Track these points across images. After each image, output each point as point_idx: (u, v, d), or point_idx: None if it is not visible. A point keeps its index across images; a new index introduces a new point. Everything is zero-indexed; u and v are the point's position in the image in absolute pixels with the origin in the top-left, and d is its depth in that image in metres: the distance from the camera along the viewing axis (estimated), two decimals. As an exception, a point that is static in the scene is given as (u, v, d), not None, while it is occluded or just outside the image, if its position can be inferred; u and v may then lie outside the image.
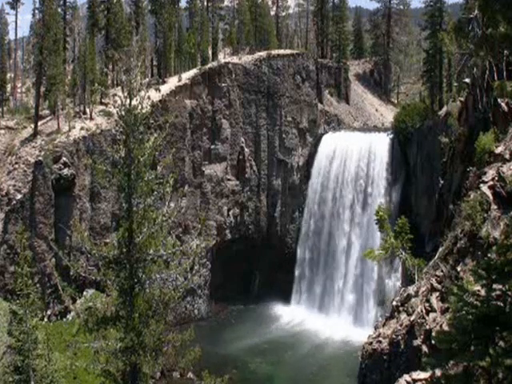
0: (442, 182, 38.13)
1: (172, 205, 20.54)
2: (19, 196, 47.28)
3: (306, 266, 60.87)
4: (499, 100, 29.27)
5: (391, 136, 57.20)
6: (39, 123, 52.17)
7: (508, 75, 29.25)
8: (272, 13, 77.87)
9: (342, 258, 57.77)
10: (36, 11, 57.93)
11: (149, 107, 20.89)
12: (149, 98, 19.11)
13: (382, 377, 27.64)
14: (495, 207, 24.42)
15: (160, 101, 53.33)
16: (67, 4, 62.26)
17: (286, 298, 59.67)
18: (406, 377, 20.26)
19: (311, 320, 55.95)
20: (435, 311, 24.72)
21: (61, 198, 48.83)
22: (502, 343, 12.97)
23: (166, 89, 55.37)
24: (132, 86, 18.38)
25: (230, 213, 59.97)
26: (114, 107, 19.27)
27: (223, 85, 58.53)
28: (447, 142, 39.20)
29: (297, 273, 61.09)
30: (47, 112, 55.80)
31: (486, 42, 15.46)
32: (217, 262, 58.33)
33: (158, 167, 20.47)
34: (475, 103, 32.37)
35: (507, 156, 26.21)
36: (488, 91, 30.81)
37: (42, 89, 54.90)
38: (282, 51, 64.72)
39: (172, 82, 57.03)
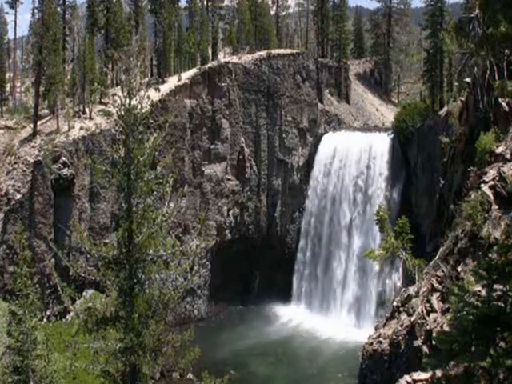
0: (442, 181, 38.10)
1: (172, 205, 20.47)
2: (18, 196, 47.21)
3: (306, 266, 60.80)
4: (500, 100, 29.23)
5: (392, 136, 57.13)
6: (38, 123, 52.09)
7: (509, 75, 29.17)
8: (272, 12, 77.78)
9: (342, 258, 57.72)
10: (35, 10, 58.03)
11: (148, 107, 20.80)
12: (148, 97, 19.01)
13: (383, 377, 27.59)
14: (496, 207, 24.38)
15: (160, 100, 53.23)
16: (66, 3, 62.12)
17: (286, 298, 59.57)
18: (407, 377, 20.18)
19: (311, 320, 55.87)
20: (436, 312, 24.67)
21: (60, 198, 48.76)
22: (502, 344, 12.93)
23: (165, 88, 55.28)
24: (131, 85, 18.31)
25: (230, 213, 59.89)
26: (114, 107, 19.21)
27: (223, 84, 58.45)
28: (448, 141, 39.19)
29: (297, 273, 61.02)
30: (46, 112, 55.71)
31: (487, 41, 15.39)
32: (217, 262, 58.25)
33: (158, 167, 20.39)
34: (476, 103, 32.32)
35: (508, 156, 26.17)
36: (489, 91, 30.76)
37: (42, 88, 54.79)
38: (282, 51, 64.63)
39: (172, 82, 56.95)
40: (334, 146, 60.52)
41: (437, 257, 27.37)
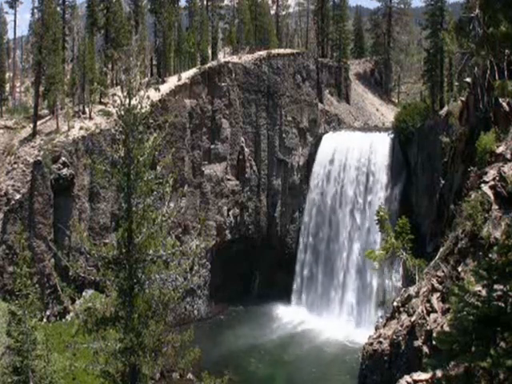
0: (442, 181, 38.06)
1: (171, 205, 20.45)
2: (18, 196, 47.17)
3: (306, 266, 60.74)
4: (500, 100, 29.21)
5: (392, 136, 57.10)
6: (38, 123, 52.06)
7: (509, 75, 29.14)
8: (272, 12, 77.78)
9: (343, 258, 57.69)
10: (35, 10, 58.02)
11: (148, 107, 20.80)
12: (148, 97, 18.98)
13: (383, 377, 27.56)
14: (496, 207, 24.36)
15: (159, 100, 53.20)
16: (66, 3, 62.08)
17: (286, 299, 59.55)
18: (407, 377, 20.16)
19: (311, 320, 55.84)
20: (436, 312, 24.64)
21: (60, 198, 48.72)
22: (503, 344, 12.91)
23: (165, 88, 55.26)
24: (131, 85, 18.29)
25: (230, 213, 59.86)
26: (114, 107, 19.18)
27: (223, 84, 58.42)
28: (448, 141, 39.18)
29: (297, 273, 60.96)
30: (46, 112, 55.68)
31: (487, 41, 15.35)
32: (217, 262, 58.22)
33: (158, 167, 20.38)
34: (476, 103, 32.30)
35: (508, 156, 26.15)
36: (489, 91, 30.73)
37: (41, 88, 54.77)
38: (282, 50, 64.62)
39: (171, 82, 56.92)
40: (334, 146, 60.50)
41: (437, 257, 27.34)
